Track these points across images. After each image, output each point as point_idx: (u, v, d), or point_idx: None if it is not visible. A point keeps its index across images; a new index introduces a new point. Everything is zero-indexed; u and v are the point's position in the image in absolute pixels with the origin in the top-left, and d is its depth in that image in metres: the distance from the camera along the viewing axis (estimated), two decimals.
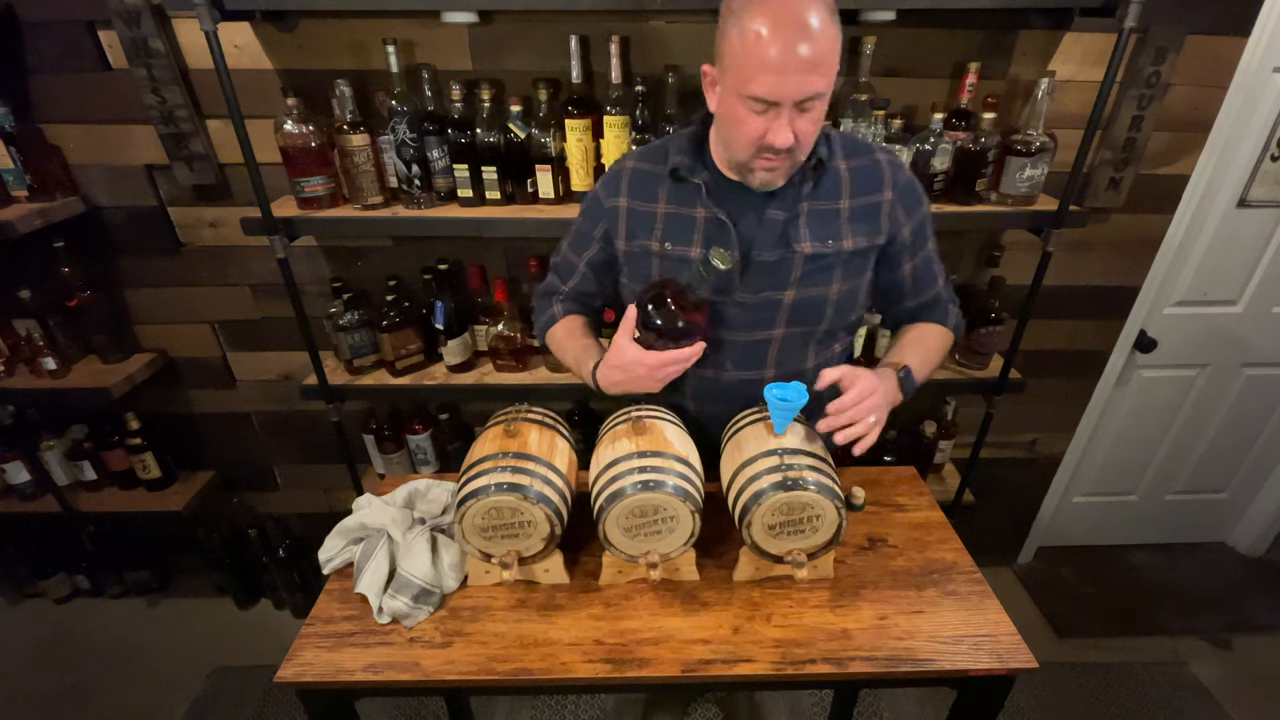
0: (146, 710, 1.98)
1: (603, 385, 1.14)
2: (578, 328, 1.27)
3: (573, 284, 1.28)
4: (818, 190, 1.08)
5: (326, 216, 1.60)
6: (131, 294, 1.92)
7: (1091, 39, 1.60)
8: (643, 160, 1.16)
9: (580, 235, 1.24)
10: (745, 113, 0.94)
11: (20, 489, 2.04)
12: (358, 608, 1.07)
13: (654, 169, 1.13)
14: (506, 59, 1.60)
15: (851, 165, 1.10)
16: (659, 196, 1.13)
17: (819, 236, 1.08)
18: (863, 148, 1.13)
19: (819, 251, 1.08)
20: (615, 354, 1.09)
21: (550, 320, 1.30)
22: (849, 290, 1.14)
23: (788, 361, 1.18)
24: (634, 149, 1.19)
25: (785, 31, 0.86)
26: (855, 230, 1.10)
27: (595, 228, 1.20)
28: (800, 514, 1.00)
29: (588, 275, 1.26)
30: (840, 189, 1.09)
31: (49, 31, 1.58)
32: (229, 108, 1.40)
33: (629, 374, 1.08)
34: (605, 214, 1.18)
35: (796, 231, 1.07)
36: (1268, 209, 1.90)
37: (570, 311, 1.30)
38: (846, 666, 0.97)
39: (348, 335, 1.76)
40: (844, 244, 1.09)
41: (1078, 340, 2.05)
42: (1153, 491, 2.45)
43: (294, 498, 2.31)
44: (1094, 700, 2.00)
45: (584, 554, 1.16)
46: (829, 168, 1.08)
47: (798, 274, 1.09)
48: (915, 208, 1.14)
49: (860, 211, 1.10)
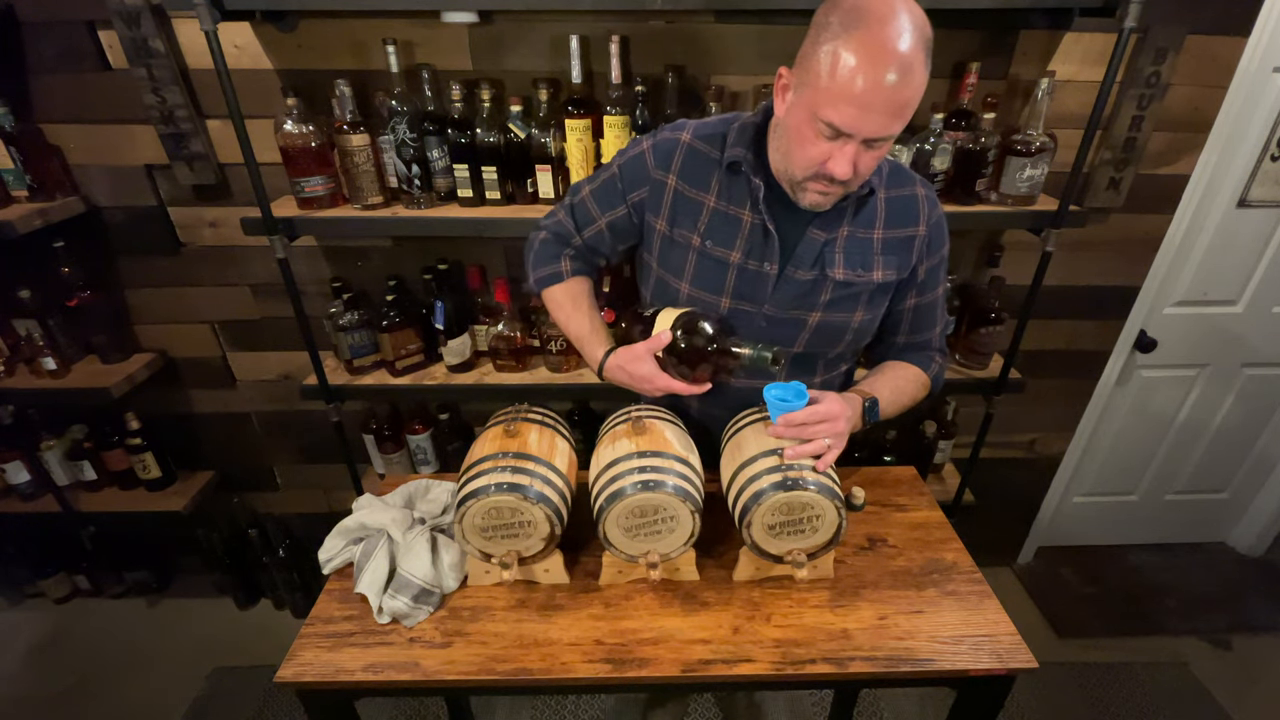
0: (146, 710, 1.98)
1: (605, 375, 1.16)
2: (584, 295, 1.22)
3: (588, 236, 1.20)
4: (857, 217, 1.07)
5: (326, 216, 1.60)
6: (131, 294, 1.92)
7: (1091, 39, 1.60)
8: (700, 139, 1.08)
9: (609, 189, 1.15)
10: (813, 133, 0.90)
11: (20, 489, 2.04)
12: (358, 608, 1.07)
13: (710, 152, 1.07)
14: (506, 59, 1.60)
15: (890, 195, 1.08)
16: (710, 186, 1.07)
17: (852, 264, 1.07)
18: (905, 178, 1.11)
19: (849, 279, 1.08)
20: (632, 361, 1.09)
21: (555, 276, 1.22)
22: (870, 320, 1.14)
23: (796, 376, 1.16)
24: (694, 121, 1.11)
25: (881, 67, 0.82)
26: (886, 262, 1.09)
27: (632, 190, 1.12)
28: (800, 514, 1.00)
29: (605, 235, 1.19)
30: (876, 218, 1.08)
31: (49, 31, 1.58)
32: (229, 108, 1.40)
33: (635, 383, 1.11)
34: (649, 182, 1.11)
35: (832, 256, 1.07)
36: (1268, 209, 1.90)
37: (577, 272, 1.23)
38: (846, 666, 0.97)
39: (348, 335, 1.76)
40: (874, 275, 1.09)
41: (1077, 340, 2.05)
42: (1153, 491, 2.45)
43: (294, 498, 2.31)
44: (1094, 700, 2.00)
45: (584, 554, 1.16)
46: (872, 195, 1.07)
47: (827, 298, 1.09)
48: (939, 247, 1.13)
49: (892, 243, 1.09)
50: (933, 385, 1.23)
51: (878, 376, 1.19)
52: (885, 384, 1.17)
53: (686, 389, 1.08)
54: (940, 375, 1.24)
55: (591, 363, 1.18)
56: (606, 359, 1.15)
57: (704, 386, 1.09)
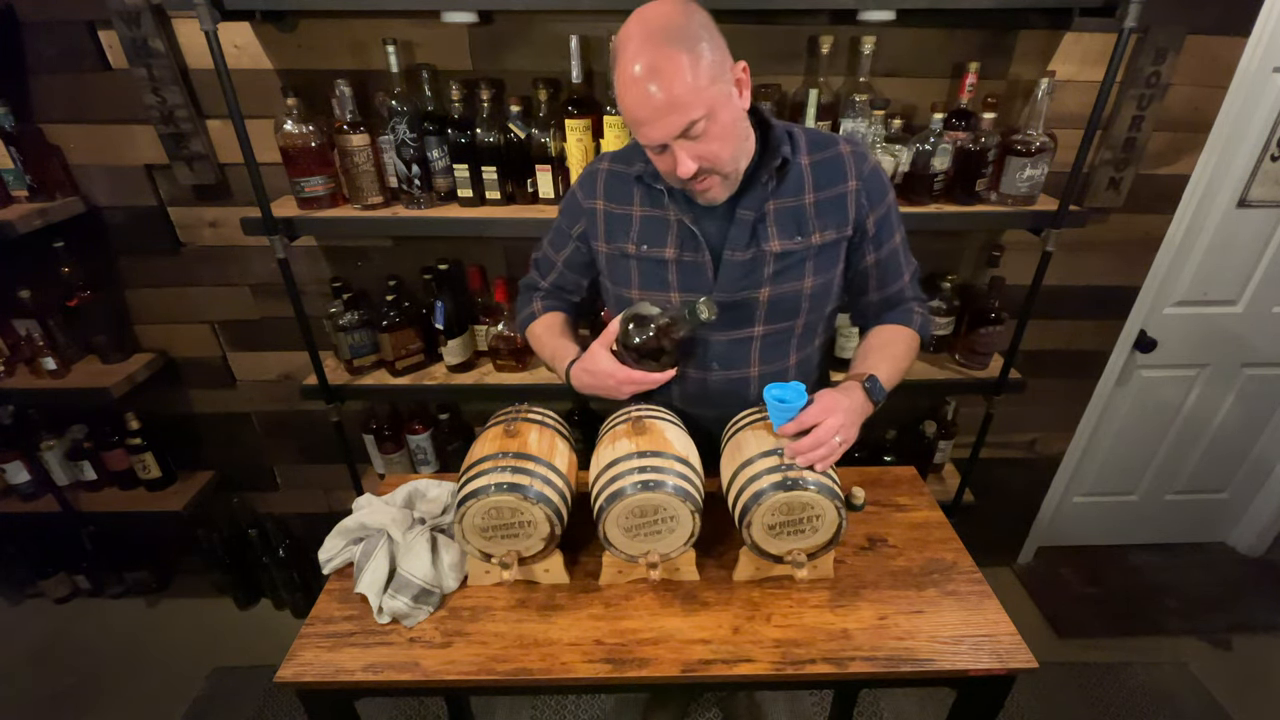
0: (146, 710, 1.98)
1: (574, 384, 1.18)
2: (556, 324, 1.30)
3: (551, 279, 1.31)
4: (781, 188, 1.10)
5: (326, 216, 1.60)
6: (131, 294, 1.92)
7: (1091, 39, 1.60)
8: (616, 162, 1.18)
9: (559, 233, 1.26)
10: (650, 153, 1.00)
11: (20, 489, 2.04)
12: (358, 608, 1.07)
13: (626, 170, 1.15)
14: (506, 59, 1.60)
15: (814, 159, 1.11)
16: (633, 199, 1.15)
17: (786, 234, 1.10)
18: (826, 141, 1.13)
19: (787, 249, 1.10)
20: (590, 360, 1.13)
21: (530, 317, 1.33)
22: (822, 284, 1.15)
23: (771, 358, 1.19)
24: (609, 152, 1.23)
25: (634, 84, 0.90)
26: (823, 224, 1.11)
27: (573, 226, 1.22)
28: (800, 514, 1.00)
29: (565, 273, 1.29)
30: (803, 185, 1.10)
31: (49, 31, 1.58)
32: (229, 108, 1.40)
33: (599, 381, 1.13)
34: (584, 214, 1.20)
35: (765, 230, 1.10)
36: (1268, 209, 1.90)
37: (550, 309, 1.33)
38: (846, 666, 0.97)
39: (348, 335, 1.76)
40: (812, 239, 1.11)
41: (1078, 340, 2.05)
42: (1153, 491, 2.45)
43: (294, 498, 2.31)
44: (1094, 700, 2.00)
45: (584, 554, 1.16)
46: (792, 164, 1.09)
47: (770, 271, 1.11)
48: (881, 198, 1.13)
49: (825, 205, 1.11)
50: (921, 336, 1.23)
51: (866, 354, 1.19)
52: (877, 357, 1.16)
53: (652, 378, 1.11)
54: (926, 324, 1.24)
55: (561, 378, 1.21)
56: (570, 367, 1.18)
57: (669, 372, 1.12)
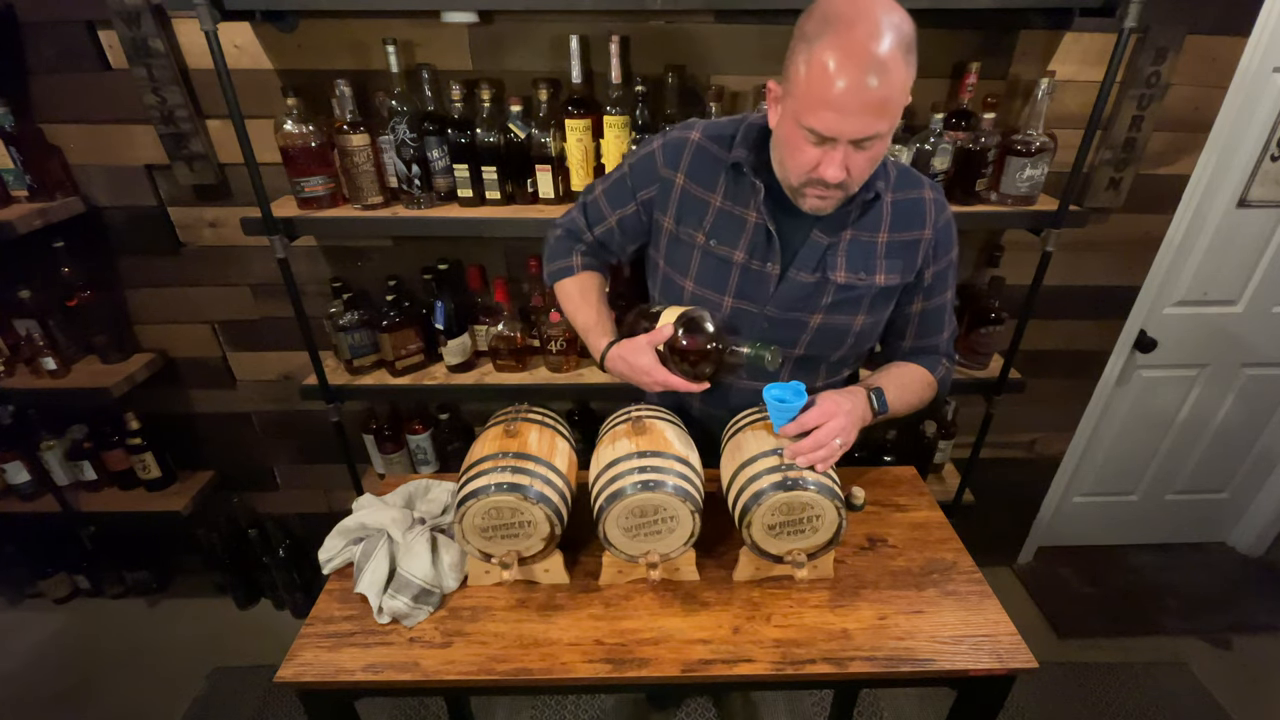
0: (146, 710, 1.98)
1: (607, 365, 1.17)
2: (593, 290, 1.24)
3: (599, 233, 1.23)
4: (862, 220, 1.07)
5: (326, 216, 1.60)
6: (131, 294, 1.92)
7: (1091, 39, 1.60)
8: (710, 139, 1.10)
9: (620, 186, 1.18)
10: (801, 141, 0.92)
11: (20, 489, 2.04)
12: (358, 608, 1.07)
13: (718, 152, 1.09)
14: (506, 59, 1.60)
15: (896, 199, 1.08)
16: (717, 186, 1.09)
17: (854, 268, 1.08)
18: (913, 181, 1.11)
19: (851, 283, 1.08)
20: (633, 353, 1.10)
21: (566, 270, 1.26)
22: (872, 323, 1.14)
23: (799, 379, 1.16)
24: (705, 121, 1.13)
25: (854, 69, 0.83)
26: (889, 265, 1.09)
27: (641, 189, 1.15)
28: (800, 514, 1.00)
29: (615, 231, 1.21)
30: (881, 221, 1.08)
31: (49, 31, 1.58)
32: (229, 108, 1.40)
33: (634, 374, 1.12)
34: (658, 181, 1.13)
35: (835, 259, 1.07)
36: (1268, 209, 1.90)
37: (588, 266, 1.26)
38: (846, 666, 0.97)
39: (348, 335, 1.76)
40: (876, 278, 1.09)
41: (1077, 340, 2.05)
42: (1153, 491, 2.45)
43: (294, 498, 2.30)
44: (1094, 700, 2.00)
45: (584, 554, 1.16)
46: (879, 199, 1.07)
47: (828, 300, 1.09)
48: (946, 252, 1.13)
49: (896, 247, 1.09)
50: (940, 387, 1.23)
51: (882, 372, 1.19)
52: (888, 378, 1.17)
53: (686, 386, 1.08)
54: (947, 379, 1.23)
55: (595, 352, 1.19)
56: (609, 349, 1.16)
57: (703, 385, 1.10)
